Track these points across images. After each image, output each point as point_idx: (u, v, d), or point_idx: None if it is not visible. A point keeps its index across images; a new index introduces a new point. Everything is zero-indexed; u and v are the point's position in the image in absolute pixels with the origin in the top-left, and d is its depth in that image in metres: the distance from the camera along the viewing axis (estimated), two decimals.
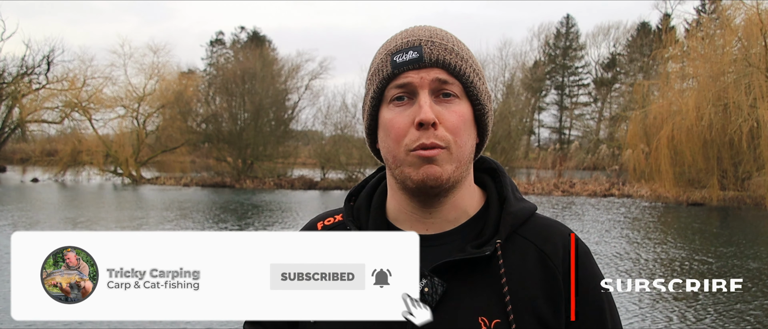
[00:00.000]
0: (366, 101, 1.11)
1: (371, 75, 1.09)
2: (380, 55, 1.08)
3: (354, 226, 1.12)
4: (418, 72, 1.03)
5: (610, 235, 13.06)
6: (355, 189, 1.20)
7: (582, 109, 48.60)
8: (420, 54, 1.03)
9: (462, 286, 1.03)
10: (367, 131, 1.11)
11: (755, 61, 17.65)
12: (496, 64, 38.33)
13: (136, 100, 32.45)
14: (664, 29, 24.20)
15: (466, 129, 1.05)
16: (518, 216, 1.09)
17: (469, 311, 1.02)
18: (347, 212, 1.16)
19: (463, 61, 1.06)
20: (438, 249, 1.07)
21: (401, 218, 1.11)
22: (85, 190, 25.54)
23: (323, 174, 29.07)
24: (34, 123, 32.06)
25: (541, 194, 24.28)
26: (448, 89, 1.04)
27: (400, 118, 1.04)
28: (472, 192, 1.12)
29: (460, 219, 1.10)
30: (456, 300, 1.03)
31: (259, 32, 48.35)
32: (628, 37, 46.85)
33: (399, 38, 1.08)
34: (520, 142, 33.51)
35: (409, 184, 1.04)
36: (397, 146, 1.04)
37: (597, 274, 1.09)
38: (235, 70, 32.02)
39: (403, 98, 1.04)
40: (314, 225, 1.19)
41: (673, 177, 19.04)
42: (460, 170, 1.05)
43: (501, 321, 1.01)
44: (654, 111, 20.24)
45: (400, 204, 1.10)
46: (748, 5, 18.45)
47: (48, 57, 31.18)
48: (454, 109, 1.04)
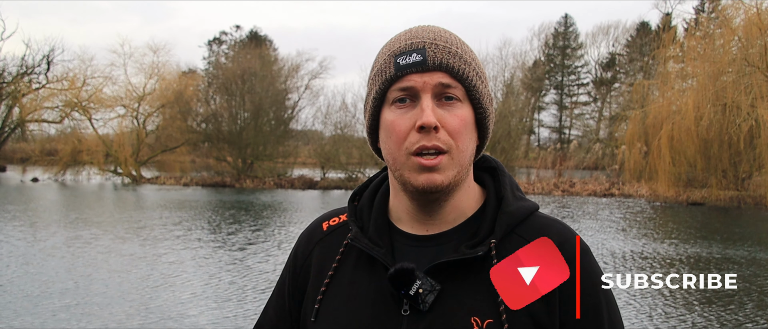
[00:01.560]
0: (368, 101, 1.11)
1: (374, 75, 1.09)
2: (383, 56, 1.08)
3: (356, 226, 1.13)
4: (422, 75, 1.03)
5: (610, 234, 13.09)
6: (358, 188, 1.21)
7: (582, 109, 48.63)
8: (423, 57, 1.03)
9: (456, 287, 1.04)
10: (368, 130, 1.12)
11: (754, 60, 17.68)
12: (496, 64, 38.30)
13: (136, 100, 32.45)
14: (664, 29, 24.22)
15: (467, 132, 1.05)
16: (515, 215, 1.08)
17: (463, 311, 1.02)
18: (350, 212, 1.16)
19: (466, 64, 1.05)
20: (434, 249, 1.07)
21: (403, 218, 1.12)
22: (85, 190, 25.55)
23: (323, 173, 29.09)
24: (34, 122, 32.06)
25: (541, 194, 24.30)
26: (450, 93, 1.04)
27: (401, 120, 1.04)
28: (472, 192, 1.12)
29: (459, 219, 1.10)
30: (450, 300, 1.03)
31: (258, 32, 48.38)
32: (627, 36, 46.90)
33: (403, 39, 1.07)
34: (520, 142, 33.52)
35: (409, 188, 1.05)
36: (398, 149, 1.04)
37: (598, 272, 1.10)
38: (235, 70, 32.01)
39: (405, 100, 1.04)
40: (319, 225, 1.21)
41: (670, 177, 19.06)
42: (460, 174, 1.05)
43: (493, 322, 1.01)
44: (653, 110, 20.26)
45: (401, 204, 1.11)
46: (748, 5, 18.48)
47: (48, 56, 31.19)
48: (456, 113, 1.04)
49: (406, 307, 1.04)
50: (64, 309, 6.94)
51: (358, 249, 1.12)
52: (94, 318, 6.61)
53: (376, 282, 1.07)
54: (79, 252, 10.51)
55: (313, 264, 1.16)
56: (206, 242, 11.78)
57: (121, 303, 7.24)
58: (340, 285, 1.11)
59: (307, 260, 1.18)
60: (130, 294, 7.66)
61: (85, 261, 9.71)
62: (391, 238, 1.11)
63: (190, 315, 6.81)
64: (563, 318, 1.04)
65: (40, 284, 8.12)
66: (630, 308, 7.03)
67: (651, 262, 10.14)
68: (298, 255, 1.20)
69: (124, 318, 6.63)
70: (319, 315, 1.10)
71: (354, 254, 1.12)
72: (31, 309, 6.96)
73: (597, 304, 1.06)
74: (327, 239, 1.18)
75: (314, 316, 1.11)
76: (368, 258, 1.10)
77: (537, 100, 45.95)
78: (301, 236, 1.23)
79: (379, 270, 1.08)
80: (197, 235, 12.58)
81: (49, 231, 12.88)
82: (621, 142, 25.29)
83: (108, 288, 7.91)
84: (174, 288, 8.04)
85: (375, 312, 1.06)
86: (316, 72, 34.79)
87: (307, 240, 1.20)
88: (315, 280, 1.14)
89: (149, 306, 7.15)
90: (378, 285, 1.07)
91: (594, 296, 1.06)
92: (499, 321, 1.01)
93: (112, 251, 10.60)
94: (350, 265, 1.12)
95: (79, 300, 7.37)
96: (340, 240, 1.15)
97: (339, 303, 1.09)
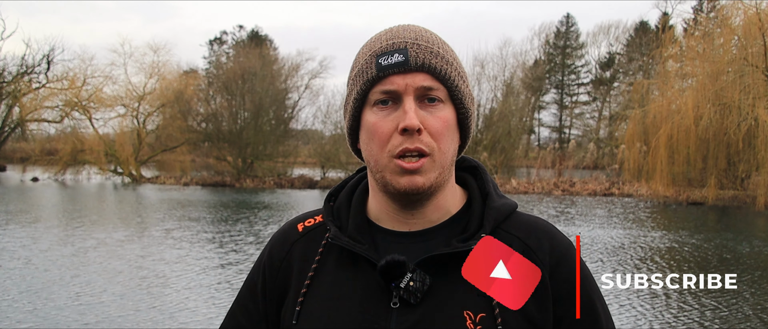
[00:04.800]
0: (348, 101, 1.09)
1: (355, 75, 1.07)
2: (364, 56, 1.06)
3: (334, 226, 1.11)
4: (404, 77, 1.02)
5: (610, 234, 13.11)
6: (334, 189, 1.20)
7: (582, 108, 48.64)
8: (405, 57, 1.02)
9: (447, 280, 1.04)
10: (349, 131, 1.10)
11: (754, 60, 17.70)
12: (496, 63, 38.29)
13: (136, 99, 32.47)
14: (663, 28, 24.24)
15: (449, 134, 1.05)
16: (501, 211, 1.09)
17: (455, 305, 1.02)
18: (327, 212, 1.15)
19: (448, 64, 1.04)
20: (423, 244, 1.07)
21: (383, 217, 1.11)
22: (85, 190, 25.56)
23: (323, 173, 29.11)
24: (34, 122, 32.08)
25: (541, 193, 24.32)
26: (433, 94, 1.03)
27: (383, 122, 1.03)
28: (454, 191, 1.12)
29: (443, 217, 1.10)
30: (441, 294, 1.03)
31: (258, 31, 48.39)
32: (627, 36, 46.91)
33: (384, 39, 1.06)
34: (519, 141, 33.54)
35: (391, 190, 1.05)
36: (380, 151, 1.03)
37: (589, 273, 1.12)
38: (236, 69, 32.03)
39: (388, 102, 1.03)
40: (294, 227, 1.18)
41: (670, 176, 19.08)
42: (442, 176, 1.05)
43: (486, 315, 1.01)
44: (653, 110, 20.28)
45: (381, 204, 1.10)
46: (747, 5, 18.49)
47: (48, 56, 31.20)
48: (439, 115, 1.03)
49: (395, 300, 1.03)
50: (63, 309, 6.96)
51: (338, 249, 1.10)
52: (94, 318, 6.63)
53: (362, 278, 1.06)
54: (79, 251, 10.52)
55: (293, 266, 1.13)
56: (206, 242, 11.80)
57: (120, 302, 7.26)
58: (322, 285, 1.09)
59: (285, 261, 1.15)
60: (129, 293, 7.67)
61: (84, 261, 9.72)
62: (373, 236, 1.10)
63: (190, 315, 6.83)
64: (559, 316, 1.05)
65: (40, 283, 8.13)
66: (630, 308, 7.03)
67: (651, 262, 10.15)
68: (273, 256, 1.17)
69: (123, 318, 6.65)
70: (300, 316, 1.08)
71: (334, 253, 1.10)
72: (31, 308, 6.98)
73: (592, 302, 1.08)
74: (303, 240, 1.15)
75: (296, 318, 1.08)
76: (350, 255, 1.08)
77: (537, 100, 45.94)
78: (274, 237, 1.19)
79: (364, 267, 1.06)
80: (197, 235, 12.59)
81: (48, 231, 12.89)
82: (620, 142, 25.31)
83: (107, 288, 7.93)
84: (174, 288, 8.06)
85: (363, 307, 1.04)
86: (316, 71, 34.87)
87: (282, 241, 1.17)
88: (295, 281, 1.12)
89: (149, 306, 7.17)
90: (363, 281, 1.06)
91: (589, 294, 1.08)
92: (492, 314, 1.01)
93: (112, 251, 10.61)
94: (331, 264, 1.10)
95: (78, 300, 7.38)
96: (318, 240, 1.13)
97: (322, 302, 1.07)
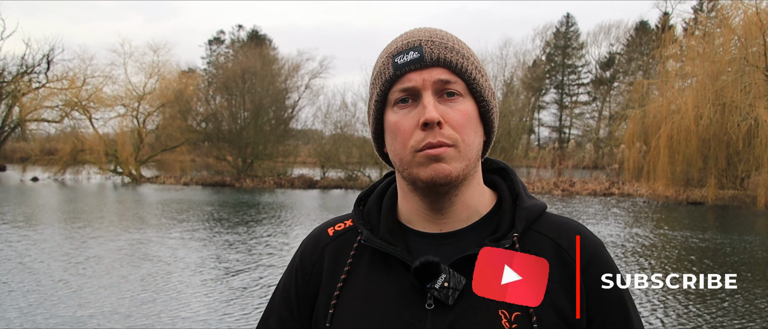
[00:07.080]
0: (371, 105, 1.11)
1: (374, 78, 1.09)
2: (381, 59, 1.09)
3: (366, 229, 1.12)
4: (421, 72, 1.03)
5: (609, 234, 13.11)
6: (363, 193, 1.20)
7: (582, 108, 48.64)
8: (421, 54, 1.04)
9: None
10: (374, 135, 1.11)
11: (754, 60, 17.71)
12: (496, 63, 38.34)
13: (136, 99, 32.48)
14: (663, 28, 24.24)
15: (471, 126, 1.05)
16: (532, 211, 1.10)
17: (490, 304, 1.01)
18: (358, 216, 1.16)
19: (464, 58, 1.06)
20: (455, 245, 1.07)
21: (414, 219, 1.11)
22: (85, 189, 25.56)
23: (323, 173, 29.10)
24: (34, 122, 32.08)
25: (541, 193, 24.32)
26: (451, 88, 1.04)
27: (405, 120, 1.04)
28: (482, 191, 1.12)
29: (473, 217, 1.10)
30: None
31: (258, 31, 48.39)
32: (627, 36, 46.91)
33: (399, 40, 1.08)
34: (519, 141, 33.56)
35: (419, 184, 1.05)
36: (403, 148, 1.04)
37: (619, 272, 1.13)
38: (235, 69, 32.03)
39: (408, 100, 1.04)
40: (325, 231, 1.18)
41: (670, 176, 19.09)
42: (468, 167, 1.05)
43: (521, 313, 1.01)
44: (653, 110, 20.29)
45: (411, 205, 1.10)
46: (747, 5, 18.49)
47: (48, 56, 31.23)
48: (459, 108, 1.04)
49: (430, 302, 1.03)
50: (63, 309, 6.96)
51: (370, 251, 1.10)
52: (93, 318, 6.63)
53: (396, 280, 1.06)
54: (78, 251, 10.52)
55: (324, 269, 1.13)
56: (206, 242, 11.80)
57: (120, 302, 7.26)
58: (356, 287, 1.09)
59: (317, 265, 1.15)
60: (128, 293, 7.68)
61: (83, 261, 9.73)
62: (405, 238, 1.10)
63: (190, 316, 6.83)
64: (592, 315, 1.05)
65: (39, 283, 8.14)
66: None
67: (651, 262, 10.16)
68: (305, 260, 1.17)
69: (123, 318, 6.65)
70: (334, 318, 1.08)
71: (367, 256, 1.11)
72: (30, 308, 6.98)
73: (623, 301, 1.09)
74: (334, 243, 1.15)
75: (329, 321, 1.08)
76: (383, 258, 1.09)
77: (537, 100, 45.95)
78: (306, 242, 1.20)
79: (397, 269, 1.07)
80: (197, 235, 12.60)
81: (48, 231, 12.89)
82: (620, 142, 25.33)
83: (107, 288, 7.93)
84: (173, 288, 8.06)
85: (398, 309, 1.04)
86: (316, 71, 34.88)
87: (313, 245, 1.17)
88: (327, 285, 1.12)
89: (148, 305, 7.17)
90: (397, 283, 1.06)
91: (620, 294, 1.09)
92: (526, 313, 1.01)
93: (111, 250, 10.61)
94: (364, 267, 1.10)
95: (78, 299, 7.38)
96: (350, 243, 1.13)
97: (356, 304, 1.07)
